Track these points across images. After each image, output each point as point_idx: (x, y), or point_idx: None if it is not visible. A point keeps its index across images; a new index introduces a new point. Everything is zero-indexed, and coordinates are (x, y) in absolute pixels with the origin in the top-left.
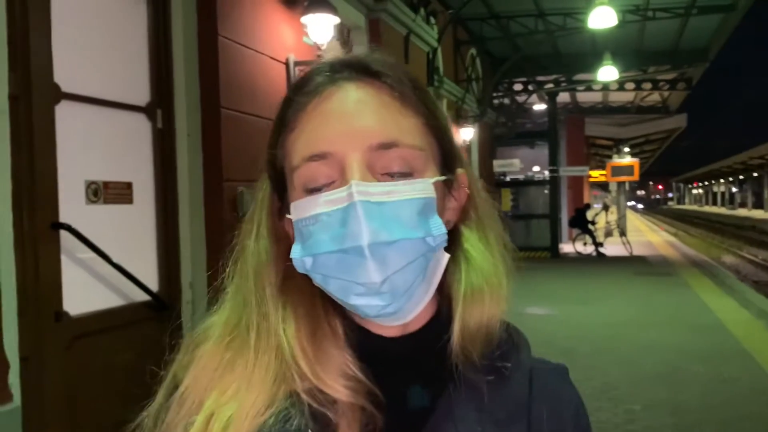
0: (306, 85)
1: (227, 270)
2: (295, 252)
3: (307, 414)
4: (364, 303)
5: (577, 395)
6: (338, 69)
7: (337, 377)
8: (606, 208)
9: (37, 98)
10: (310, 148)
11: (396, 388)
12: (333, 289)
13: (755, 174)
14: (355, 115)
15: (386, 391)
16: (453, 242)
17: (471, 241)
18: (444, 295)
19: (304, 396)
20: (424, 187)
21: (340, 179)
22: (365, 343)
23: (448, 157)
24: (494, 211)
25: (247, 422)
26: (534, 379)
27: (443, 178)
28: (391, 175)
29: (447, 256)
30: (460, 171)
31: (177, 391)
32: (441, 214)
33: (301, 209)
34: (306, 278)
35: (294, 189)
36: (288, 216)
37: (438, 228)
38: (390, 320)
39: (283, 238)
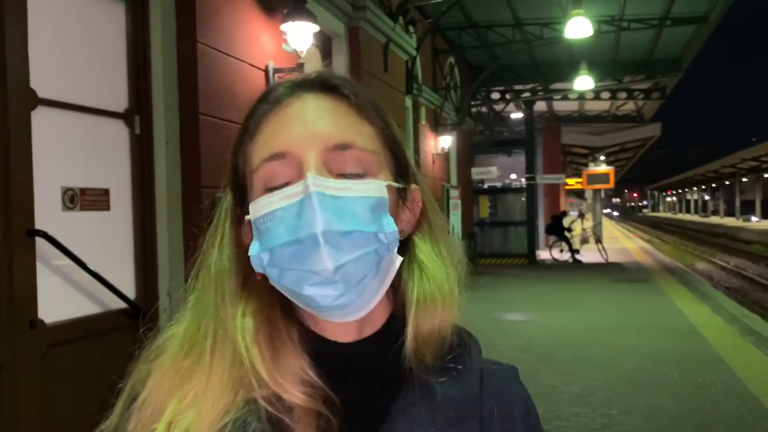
0: (268, 96)
1: (189, 281)
2: (253, 249)
3: (264, 420)
4: (317, 292)
5: (527, 395)
6: (299, 83)
7: (295, 383)
8: (582, 215)
9: (12, 104)
10: (269, 148)
11: (352, 392)
12: (288, 281)
13: (727, 182)
14: (314, 119)
15: (343, 396)
16: (407, 252)
17: (424, 251)
18: (398, 301)
19: (261, 402)
20: (377, 187)
21: (298, 177)
22: (321, 350)
23: (401, 169)
24: (446, 225)
25: (205, 429)
26: (485, 378)
27: (396, 184)
28: (345, 176)
29: (400, 258)
30: (414, 187)
31: (136, 401)
32: (395, 218)
33: (259, 207)
34: (266, 287)
35: (254, 191)
36: (247, 217)
37: (390, 226)
38: (342, 314)
39: (244, 248)
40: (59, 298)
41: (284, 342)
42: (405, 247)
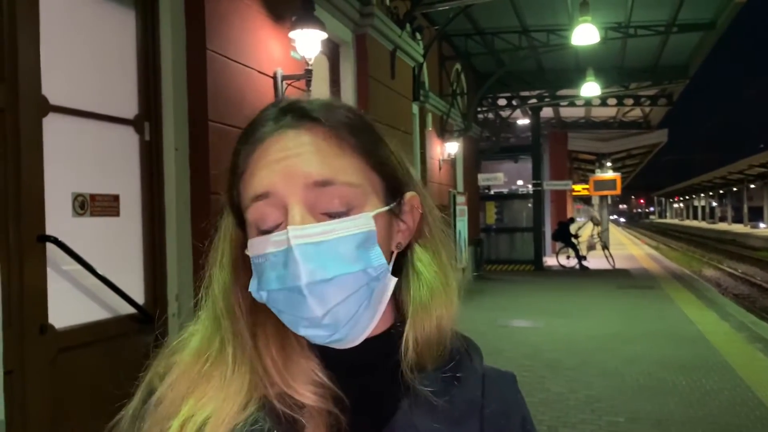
0: (253, 134)
1: (200, 293)
2: (252, 287)
3: (276, 418)
4: (311, 333)
5: (524, 402)
6: (282, 115)
7: (306, 384)
8: (597, 223)
9: (24, 111)
10: (255, 188)
11: (360, 392)
12: (285, 321)
13: (735, 188)
14: (293, 158)
15: (351, 396)
16: (406, 261)
17: (423, 260)
18: (399, 307)
19: (275, 402)
20: (363, 221)
21: (284, 219)
22: (326, 352)
23: (393, 186)
24: (446, 229)
25: (220, 427)
26: (486, 382)
27: (386, 208)
28: (330, 215)
29: (394, 280)
30: (410, 194)
31: (153, 396)
32: (386, 242)
33: (254, 247)
34: None
35: (249, 227)
36: (246, 251)
37: (378, 258)
38: (338, 345)
39: (247, 267)
40: (69, 303)
41: (294, 347)
42: (405, 256)
